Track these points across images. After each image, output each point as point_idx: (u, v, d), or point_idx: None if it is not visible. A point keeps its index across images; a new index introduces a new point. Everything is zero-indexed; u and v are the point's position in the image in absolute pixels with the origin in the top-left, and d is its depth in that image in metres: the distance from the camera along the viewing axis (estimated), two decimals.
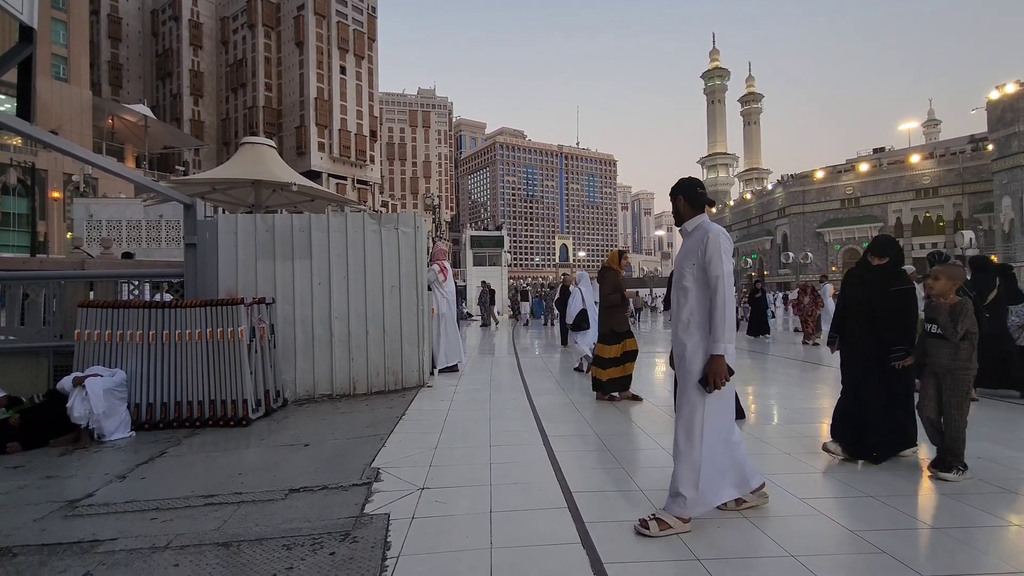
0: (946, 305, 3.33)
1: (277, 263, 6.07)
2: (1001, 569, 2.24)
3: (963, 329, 3.23)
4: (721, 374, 2.51)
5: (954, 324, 3.24)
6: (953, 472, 3.25)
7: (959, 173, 52.54)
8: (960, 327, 3.23)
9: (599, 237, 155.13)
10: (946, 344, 3.30)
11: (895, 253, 3.77)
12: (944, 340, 3.30)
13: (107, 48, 63.59)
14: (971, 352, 3.29)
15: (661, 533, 2.53)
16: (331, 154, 63.11)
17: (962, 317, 3.23)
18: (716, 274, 2.56)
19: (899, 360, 3.51)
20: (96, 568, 2.36)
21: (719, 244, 2.59)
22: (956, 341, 3.25)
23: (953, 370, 3.29)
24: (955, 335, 3.24)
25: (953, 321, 3.25)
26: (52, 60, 33.80)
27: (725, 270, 2.57)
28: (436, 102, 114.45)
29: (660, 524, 2.56)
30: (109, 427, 4.51)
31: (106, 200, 22.64)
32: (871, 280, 3.77)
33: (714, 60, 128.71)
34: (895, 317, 3.60)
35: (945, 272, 3.41)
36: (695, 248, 2.65)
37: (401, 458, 3.87)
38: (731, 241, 2.68)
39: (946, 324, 3.28)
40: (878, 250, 3.79)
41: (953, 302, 3.32)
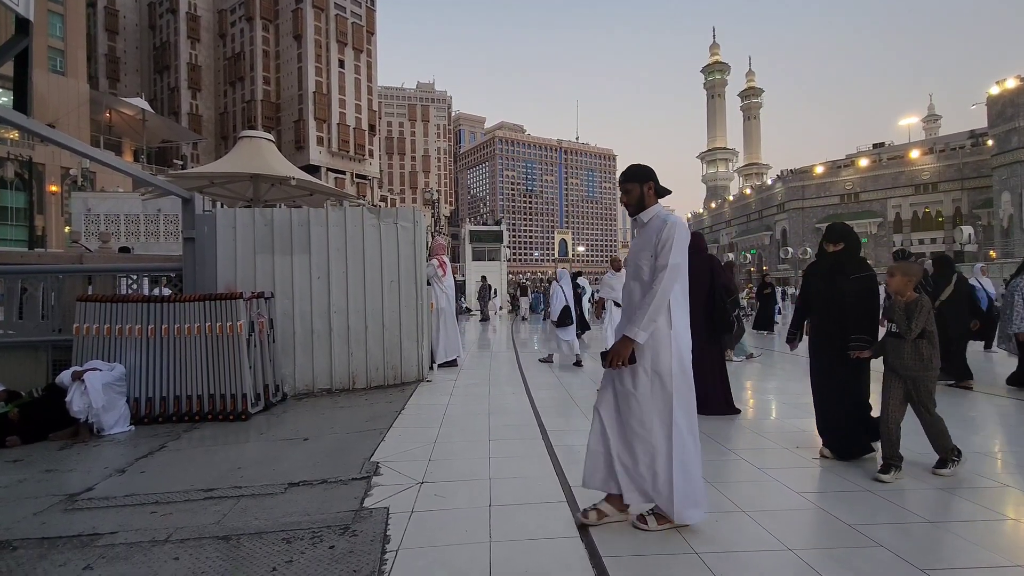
0: (902, 303, 3.24)
1: (276, 257, 6.06)
2: (996, 563, 2.25)
3: (918, 327, 3.14)
4: (622, 355, 2.43)
5: (908, 321, 3.16)
6: (948, 467, 3.23)
7: (958, 168, 52.50)
8: (915, 324, 3.14)
9: (598, 232, 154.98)
10: (905, 344, 3.21)
11: (850, 239, 3.65)
12: (903, 340, 3.22)
13: (104, 41, 63.22)
14: (932, 352, 3.20)
15: (660, 527, 2.51)
16: (330, 148, 62.92)
17: (917, 314, 3.15)
18: (664, 263, 2.43)
19: (857, 350, 3.40)
20: (96, 561, 2.37)
21: (676, 232, 2.46)
22: (911, 339, 3.17)
23: (916, 374, 3.21)
24: (909, 332, 3.16)
25: (908, 318, 3.17)
26: (48, 53, 33.62)
27: (674, 262, 2.44)
28: (435, 96, 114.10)
29: (659, 519, 2.53)
30: (108, 421, 4.51)
31: (104, 194, 22.57)
32: (829, 269, 3.66)
33: (714, 55, 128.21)
34: (855, 306, 3.48)
35: (901, 268, 3.32)
36: (652, 239, 2.52)
37: (400, 452, 3.88)
38: (688, 232, 2.57)
39: (901, 321, 3.21)
40: (833, 236, 3.66)
41: (909, 299, 3.23)
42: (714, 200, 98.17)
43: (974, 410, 5.24)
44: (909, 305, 3.20)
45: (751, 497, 2.97)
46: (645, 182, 2.61)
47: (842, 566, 2.22)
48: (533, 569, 2.24)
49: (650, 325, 2.43)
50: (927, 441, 3.36)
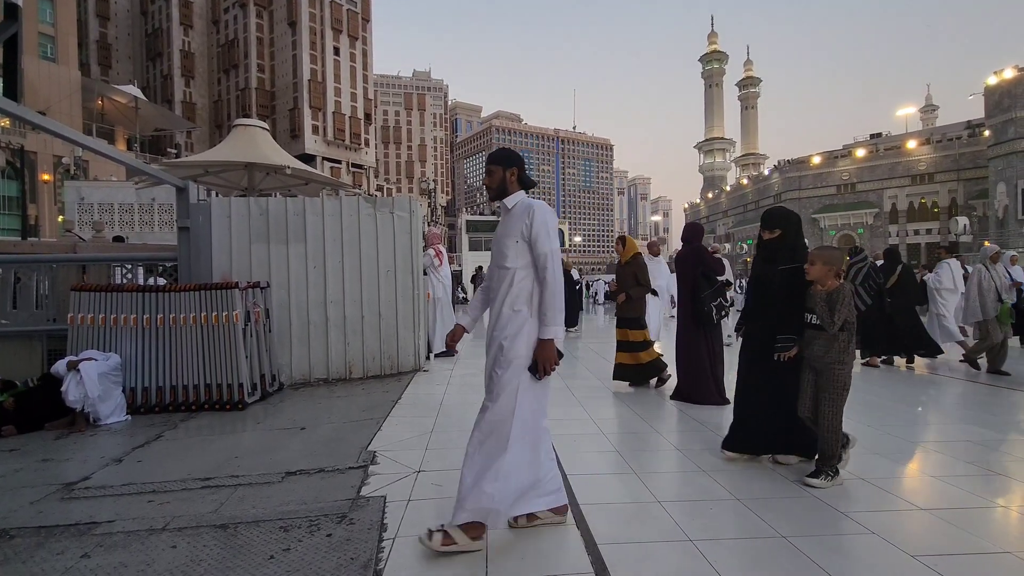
0: (823, 292, 3.02)
1: (271, 247, 6.04)
2: (987, 549, 2.28)
3: (840, 319, 2.94)
4: (551, 359, 2.31)
5: (831, 313, 2.95)
6: (821, 477, 2.95)
7: (955, 159, 52.50)
8: (837, 316, 2.94)
9: (595, 222, 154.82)
10: (822, 335, 3.02)
11: (787, 225, 3.36)
12: (822, 331, 3.01)
13: (95, 27, 62.27)
14: (848, 344, 3.00)
15: (444, 548, 2.25)
16: (325, 137, 62.41)
17: (839, 305, 2.94)
18: (544, 251, 2.33)
19: (783, 352, 3.12)
20: (94, 550, 2.37)
21: (545, 220, 2.36)
22: (834, 332, 2.97)
23: (828, 364, 3.00)
24: (832, 325, 2.95)
25: (830, 309, 2.96)
26: (39, 39, 33.10)
27: (552, 247, 2.35)
28: (432, 84, 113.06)
29: (445, 538, 2.26)
30: (104, 411, 4.51)
31: (97, 183, 22.37)
32: (763, 259, 3.43)
33: (712, 44, 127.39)
34: (784, 300, 3.20)
35: (821, 256, 3.05)
36: (517, 225, 2.39)
37: (397, 441, 3.89)
38: (556, 218, 2.47)
39: (823, 313, 2.99)
40: (769, 222, 3.38)
41: (831, 288, 3.02)
42: (711, 190, 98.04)
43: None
44: (831, 295, 2.99)
45: (745, 485, 3.00)
46: (509, 167, 2.49)
47: (834, 552, 2.25)
48: (529, 555, 2.26)
49: (559, 316, 2.33)
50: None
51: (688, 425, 4.33)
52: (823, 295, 3.01)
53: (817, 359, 3.04)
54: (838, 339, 2.99)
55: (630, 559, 2.23)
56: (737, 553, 2.27)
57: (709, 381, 4.94)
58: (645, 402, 5.11)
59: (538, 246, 2.35)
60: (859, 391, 5.61)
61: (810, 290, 3.11)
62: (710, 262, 5.05)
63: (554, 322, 2.32)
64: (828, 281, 3.03)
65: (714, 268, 5.06)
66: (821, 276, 3.04)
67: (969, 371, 6.69)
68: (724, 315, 5.01)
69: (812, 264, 3.06)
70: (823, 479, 2.96)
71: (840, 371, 2.98)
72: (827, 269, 3.02)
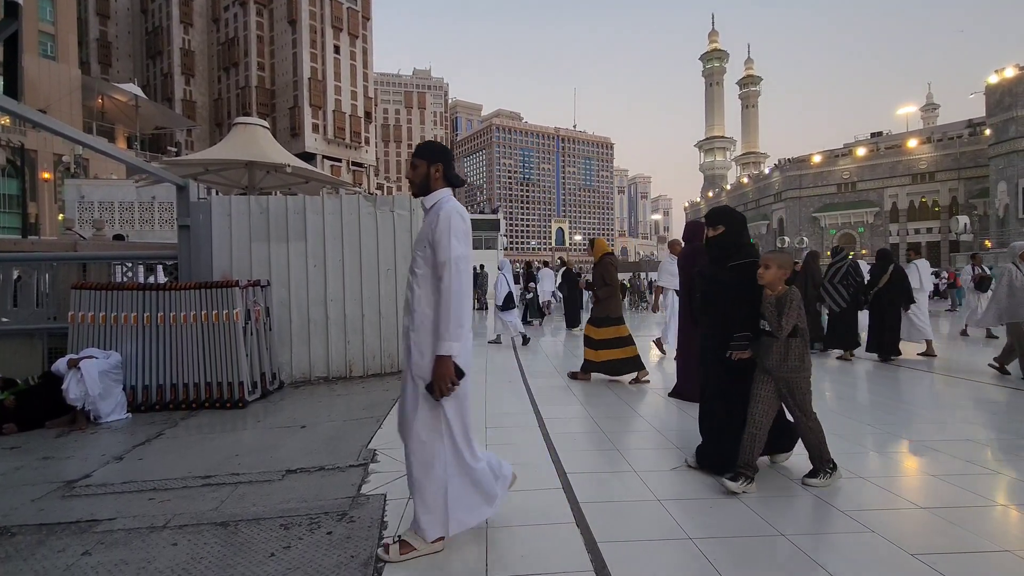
0: (772, 297, 2.91)
1: (272, 245, 6.04)
2: (985, 548, 2.28)
3: (789, 323, 2.83)
4: (446, 378, 2.09)
5: (779, 317, 2.85)
6: (820, 476, 2.95)
7: (956, 158, 52.46)
8: (785, 321, 2.83)
9: (595, 221, 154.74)
10: (777, 343, 2.89)
11: (731, 222, 3.25)
12: (776, 338, 2.90)
13: (95, 25, 62.21)
14: (803, 351, 2.90)
15: (402, 558, 2.19)
16: (325, 135, 62.37)
17: (787, 309, 2.83)
18: (443, 258, 2.12)
19: (737, 351, 2.99)
20: (95, 547, 2.38)
21: (450, 223, 2.15)
22: (782, 337, 2.86)
23: (787, 372, 2.89)
24: (780, 330, 2.85)
25: (778, 314, 2.86)
26: (39, 37, 33.08)
27: (455, 254, 2.12)
28: (432, 83, 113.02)
29: (403, 547, 2.22)
30: (105, 409, 4.52)
31: (98, 181, 22.40)
32: (711, 257, 3.32)
33: (713, 42, 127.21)
34: (736, 299, 3.07)
35: (776, 260, 2.92)
36: (428, 229, 2.22)
37: (397, 440, 3.87)
38: (468, 222, 2.26)
39: (772, 318, 2.89)
40: (712, 219, 3.28)
41: (780, 293, 2.91)
42: (711, 189, 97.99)
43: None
44: (780, 299, 2.89)
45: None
46: (434, 162, 2.30)
47: (834, 550, 2.25)
48: (530, 554, 2.26)
49: (459, 332, 2.11)
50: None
51: (687, 423, 4.33)
52: (772, 300, 2.91)
53: (775, 369, 2.91)
54: (792, 346, 2.89)
55: (630, 557, 2.23)
56: (736, 551, 2.27)
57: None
58: (645, 401, 5.12)
59: (439, 251, 2.15)
60: (857, 389, 5.62)
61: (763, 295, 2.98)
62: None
63: (451, 336, 2.09)
64: (779, 286, 2.92)
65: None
66: (774, 281, 2.91)
67: (966, 369, 6.67)
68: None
69: (767, 268, 2.92)
70: (821, 478, 2.95)
71: (798, 378, 2.91)
72: (781, 273, 2.91)
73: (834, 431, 4.09)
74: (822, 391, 5.56)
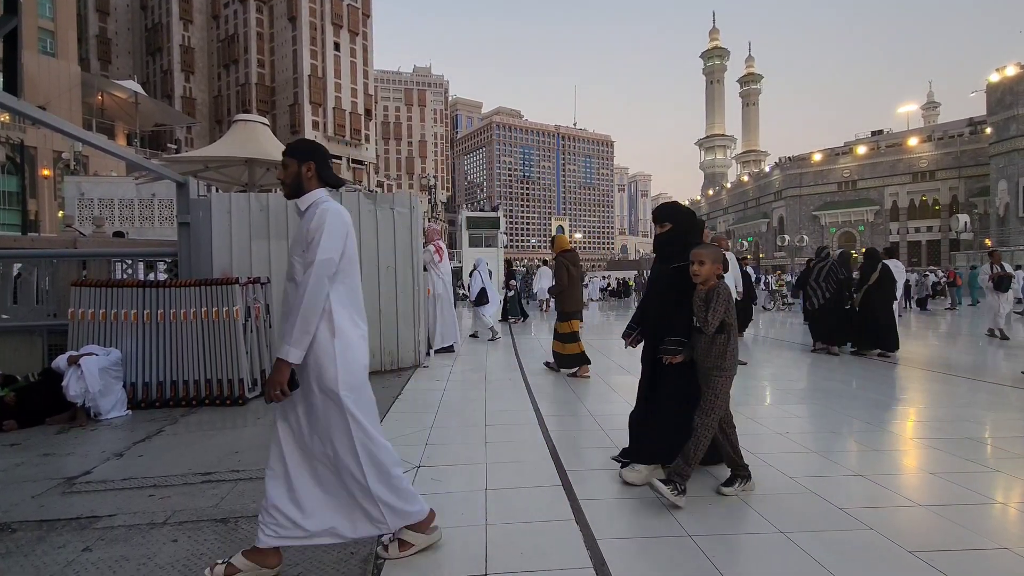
0: (702, 291, 2.79)
1: (272, 243, 6.04)
2: (985, 545, 2.29)
3: (715, 318, 2.71)
4: (277, 384, 1.96)
5: (706, 312, 2.74)
6: (669, 487, 2.66)
7: (956, 157, 52.42)
8: (711, 316, 2.71)
9: (595, 218, 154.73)
10: (703, 337, 2.79)
11: (676, 219, 3.12)
12: (703, 333, 2.80)
13: (95, 22, 62.10)
14: (725, 348, 2.76)
15: (402, 554, 2.19)
16: (325, 133, 62.31)
17: (714, 304, 2.71)
18: (311, 259, 1.99)
19: (669, 355, 2.86)
20: (95, 543, 2.39)
21: (324, 222, 2.02)
22: (708, 332, 2.75)
23: (707, 369, 2.79)
24: (707, 325, 2.74)
25: (705, 308, 2.75)
26: (39, 34, 33.02)
27: (323, 257, 1.99)
28: (432, 80, 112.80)
29: (402, 545, 2.21)
30: (105, 406, 4.52)
31: (97, 178, 22.39)
32: (658, 256, 3.21)
33: (714, 40, 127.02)
34: (675, 301, 2.94)
35: (710, 255, 2.78)
36: (304, 231, 2.09)
37: (397, 437, 3.90)
38: (348, 224, 2.13)
39: (699, 313, 2.79)
40: (659, 216, 3.15)
41: (709, 287, 2.78)
42: (712, 187, 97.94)
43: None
44: (708, 294, 2.77)
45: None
46: (304, 160, 2.15)
47: (832, 548, 2.26)
48: (529, 551, 2.27)
49: (303, 338, 1.97)
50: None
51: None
52: (702, 294, 2.80)
53: (699, 363, 2.83)
54: (715, 342, 2.77)
55: (629, 554, 2.24)
56: (735, 549, 2.28)
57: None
58: None
59: (309, 252, 2.01)
60: (854, 386, 5.62)
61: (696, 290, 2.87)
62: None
63: (292, 341, 1.95)
64: (712, 281, 2.80)
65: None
66: (710, 276, 2.78)
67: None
68: None
69: (702, 263, 2.78)
70: (670, 488, 2.66)
71: (717, 377, 2.76)
72: (715, 268, 2.78)
73: (833, 428, 4.11)
74: (827, 388, 5.57)
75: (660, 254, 3.19)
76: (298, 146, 2.21)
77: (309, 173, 2.16)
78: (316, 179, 2.17)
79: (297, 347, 1.96)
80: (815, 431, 4.07)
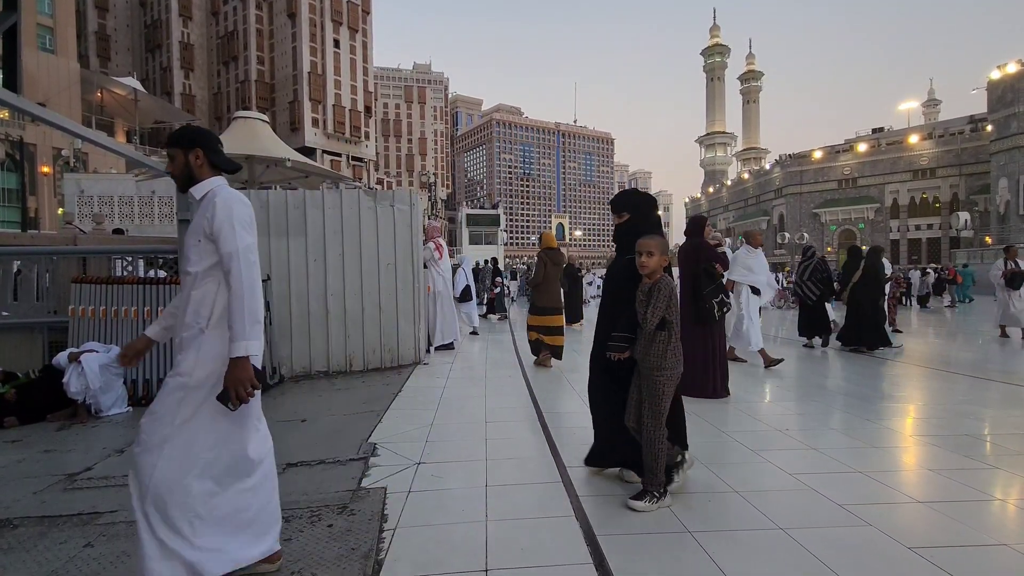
0: (645, 285, 2.64)
1: (272, 240, 6.04)
2: (984, 541, 2.30)
3: (655, 315, 2.56)
4: (245, 381, 1.86)
5: (646, 307, 2.60)
6: (645, 500, 2.58)
7: (957, 154, 52.36)
8: (651, 312, 2.56)
9: (595, 216, 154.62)
10: (644, 335, 2.64)
11: (634, 210, 2.96)
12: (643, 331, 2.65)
13: (94, 18, 61.90)
14: (667, 347, 2.60)
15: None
16: (325, 130, 62.19)
17: (655, 299, 2.57)
18: (229, 250, 1.90)
19: (615, 351, 2.72)
20: (97, 539, 2.39)
21: (231, 211, 1.93)
22: (647, 329, 2.60)
23: (648, 368, 2.63)
24: (646, 322, 2.59)
25: (646, 303, 2.60)
26: (37, 30, 32.93)
27: (242, 244, 1.91)
28: (432, 77, 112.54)
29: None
30: (106, 402, 4.53)
31: (97, 175, 22.36)
32: (616, 247, 3.07)
33: (714, 37, 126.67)
34: (627, 297, 2.76)
35: (660, 246, 2.61)
36: (201, 220, 1.96)
37: (397, 434, 3.91)
38: (250, 209, 2.03)
39: (640, 308, 2.64)
40: (616, 206, 3.00)
41: (654, 281, 2.63)
42: (712, 185, 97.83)
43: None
44: (651, 288, 2.61)
45: (743, 478, 3.02)
46: (190, 149, 2.02)
47: (831, 544, 2.26)
48: (529, 547, 2.28)
49: (256, 329, 1.91)
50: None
51: (686, 418, 4.33)
52: (645, 287, 2.64)
53: (639, 362, 2.69)
54: (656, 339, 2.61)
55: (628, 550, 2.24)
56: (734, 545, 2.28)
57: (708, 375, 4.95)
58: None
59: (221, 243, 1.91)
60: (854, 383, 5.63)
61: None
62: (712, 257, 5.03)
63: (245, 335, 1.87)
64: (659, 274, 2.64)
65: (709, 262, 5.00)
66: (658, 269, 2.63)
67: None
68: (726, 311, 4.99)
69: (650, 255, 2.61)
70: (647, 501, 2.58)
71: (658, 377, 2.61)
72: (664, 260, 2.63)
73: (833, 425, 4.12)
74: (827, 385, 5.58)
75: (618, 246, 3.02)
76: (182, 134, 2.06)
77: (198, 161, 2.03)
78: (207, 166, 2.04)
79: (255, 339, 1.90)
80: (815, 428, 4.08)
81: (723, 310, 4.94)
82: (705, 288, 4.87)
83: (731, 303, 5.33)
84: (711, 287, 4.89)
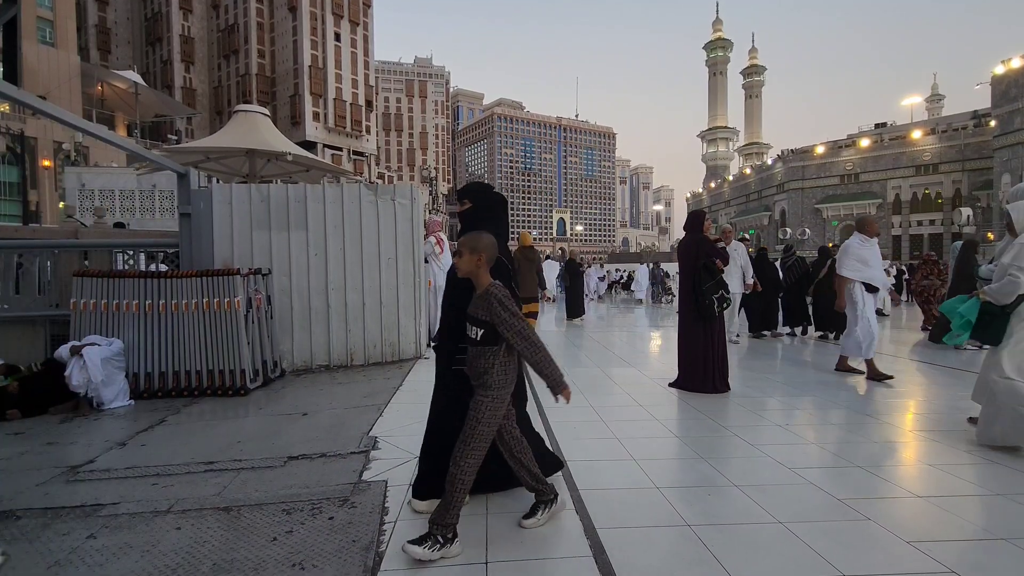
0: (478, 293, 2.25)
1: (273, 234, 6.04)
2: (983, 536, 2.31)
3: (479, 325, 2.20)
4: None
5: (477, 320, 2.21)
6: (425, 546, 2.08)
7: (960, 150, 52.14)
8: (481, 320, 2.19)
9: (597, 211, 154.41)
10: (475, 348, 2.24)
11: (479, 198, 2.71)
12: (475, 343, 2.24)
13: (94, 11, 61.67)
14: (493, 362, 2.19)
15: None
16: (326, 124, 62.04)
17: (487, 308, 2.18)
18: None
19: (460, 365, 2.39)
20: (99, 531, 2.41)
21: None
22: (477, 346, 2.22)
23: (473, 386, 2.25)
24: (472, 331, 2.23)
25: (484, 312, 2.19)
26: (37, 24, 32.81)
27: None
28: (433, 71, 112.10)
29: None
30: (108, 395, 4.55)
31: (98, 169, 22.32)
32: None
33: (717, 31, 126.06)
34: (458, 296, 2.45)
35: (468, 244, 2.23)
36: None
37: (398, 427, 3.92)
38: None
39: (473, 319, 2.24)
40: (461, 195, 2.74)
41: (483, 289, 2.22)
42: (714, 180, 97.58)
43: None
44: (481, 297, 2.22)
45: (742, 472, 3.03)
46: None
47: (831, 538, 2.27)
48: (529, 540, 2.29)
49: None
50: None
51: (687, 413, 4.35)
52: (478, 296, 2.24)
53: (470, 377, 2.28)
54: (483, 354, 2.21)
55: (628, 543, 2.25)
56: (734, 539, 2.29)
57: (708, 371, 4.96)
58: (644, 391, 5.14)
59: None
60: (853, 379, 5.62)
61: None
62: (712, 252, 5.01)
63: None
64: (481, 277, 2.23)
65: (710, 257, 4.98)
66: (471, 270, 2.24)
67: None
68: (726, 306, 4.98)
69: (459, 256, 2.25)
70: (426, 547, 2.07)
71: (481, 399, 2.19)
72: (475, 259, 2.21)
73: (830, 421, 4.12)
74: (827, 380, 5.58)
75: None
76: None
77: None
78: None
79: None
80: (814, 423, 4.09)
81: (723, 306, 4.93)
82: (705, 283, 4.87)
83: (731, 298, 5.27)
84: (711, 283, 4.88)
